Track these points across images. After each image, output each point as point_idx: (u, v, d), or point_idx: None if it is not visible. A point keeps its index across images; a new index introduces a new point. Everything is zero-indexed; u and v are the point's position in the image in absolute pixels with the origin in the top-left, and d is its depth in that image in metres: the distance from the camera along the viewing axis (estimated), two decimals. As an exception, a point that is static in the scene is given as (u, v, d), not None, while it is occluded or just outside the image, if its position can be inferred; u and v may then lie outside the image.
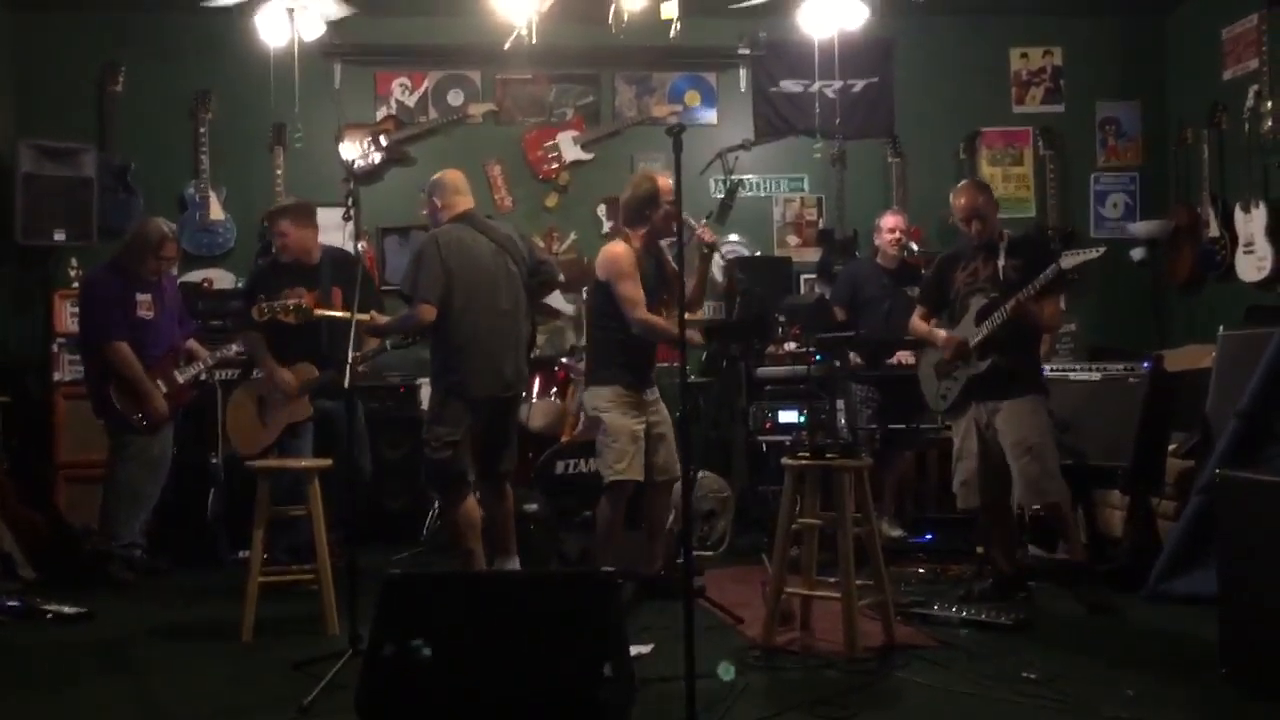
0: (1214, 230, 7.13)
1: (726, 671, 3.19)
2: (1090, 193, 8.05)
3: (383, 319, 5.31)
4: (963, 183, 5.53)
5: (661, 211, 5.08)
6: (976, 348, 4.97)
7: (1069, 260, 4.73)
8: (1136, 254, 7.75)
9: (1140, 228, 7.75)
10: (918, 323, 5.29)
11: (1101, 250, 4.92)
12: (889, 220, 6.58)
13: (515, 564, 5.19)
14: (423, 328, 5.03)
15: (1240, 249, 6.89)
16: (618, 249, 5.10)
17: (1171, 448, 5.60)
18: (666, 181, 5.09)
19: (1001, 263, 4.98)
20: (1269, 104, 6.63)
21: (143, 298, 5.76)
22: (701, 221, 5.18)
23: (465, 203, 5.30)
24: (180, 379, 5.78)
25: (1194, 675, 3.85)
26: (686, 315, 3.78)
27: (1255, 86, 6.78)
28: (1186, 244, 7.44)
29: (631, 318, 4.99)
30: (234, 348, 5.91)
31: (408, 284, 5.03)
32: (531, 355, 5.51)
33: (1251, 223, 6.80)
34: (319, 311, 5.35)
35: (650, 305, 5.04)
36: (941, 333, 5.15)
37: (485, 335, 5.02)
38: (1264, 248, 6.70)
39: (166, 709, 3.71)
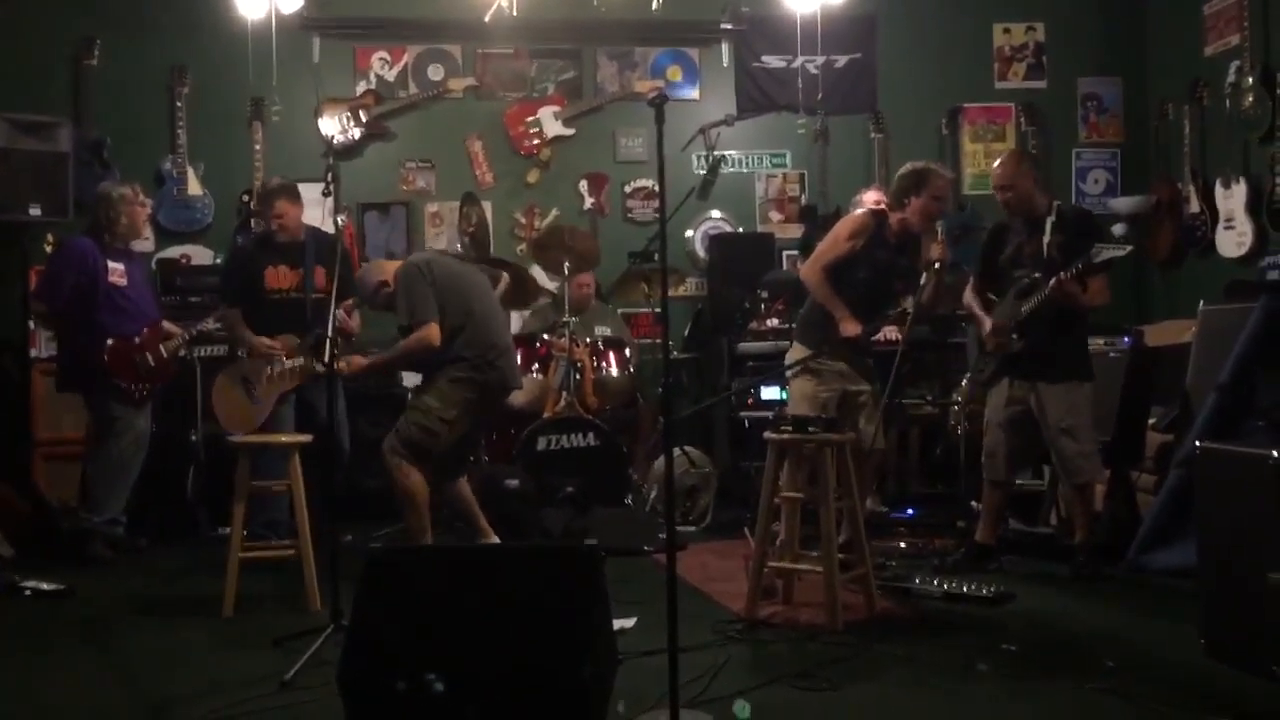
0: (1195, 206, 7.16)
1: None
2: (1072, 169, 8.06)
3: (361, 361, 5.24)
4: (1006, 153, 5.56)
5: (920, 204, 4.98)
6: (1016, 326, 4.97)
7: (1100, 255, 4.72)
8: (1117, 230, 7.75)
9: (1121, 204, 7.76)
10: (969, 295, 5.28)
11: (1129, 249, 4.91)
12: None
13: (496, 541, 5.19)
14: (427, 350, 4.99)
15: (1221, 225, 6.92)
16: (858, 215, 5.20)
17: (1151, 421, 5.64)
18: (943, 176, 5.08)
19: (1046, 239, 4.96)
20: (1250, 80, 6.64)
21: (115, 266, 5.72)
22: (940, 236, 5.00)
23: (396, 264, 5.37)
24: (164, 353, 5.74)
25: (1172, 647, 3.87)
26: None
27: (1237, 62, 6.79)
28: (1167, 220, 7.46)
29: (804, 265, 5.22)
30: (210, 321, 5.84)
31: (404, 313, 5.02)
32: None
33: (1232, 199, 6.83)
34: (320, 368, 5.08)
35: (869, 289, 5.05)
36: (988, 322, 5.13)
37: (505, 335, 5.26)
38: (1244, 223, 6.73)
39: (147, 684, 3.69)
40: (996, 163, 5.26)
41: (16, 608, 4.77)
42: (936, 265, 4.92)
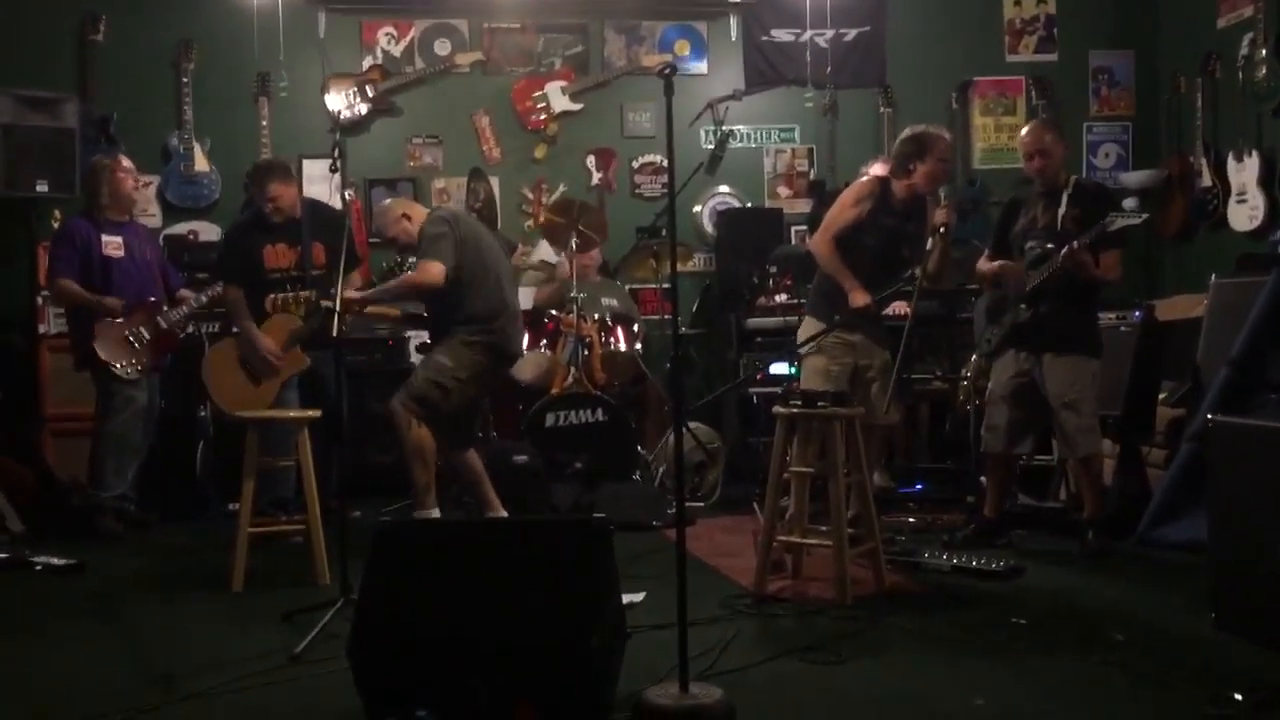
0: (1206, 180, 7.11)
1: None
2: (1083, 143, 8.01)
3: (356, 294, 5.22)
4: (1033, 120, 5.47)
5: (926, 170, 4.94)
6: (1027, 295, 4.94)
7: (1116, 223, 4.69)
8: (1129, 204, 7.70)
9: (1133, 178, 7.71)
10: (983, 264, 5.25)
11: (1144, 216, 4.92)
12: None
13: (504, 515, 5.19)
14: (428, 288, 5.01)
15: (1233, 198, 6.88)
16: (863, 181, 5.18)
17: (1162, 396, 5.62)
18: (944, 137, 5.04)
19: (1061, 211, 4.93)
20: (1263, 52, 6.58)
21: (110, 239, 5.76)
22: (945, 200, 4.93)
23: (425, 208, 5.42)
24: (164, 325, 5.75)
25: (1183, 621, 3.87)
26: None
27: (1250, 34, 6.73)
28: (1179, 194, 7.42)
29: (814, 236, 5.18)
30: (220, 287, 5.83)
31: (420, 249, 5.07)
32: None
33: (1244, 172, 6.78)
34: (325, 303, 5.17)
35: (878, 256, 5.02)
36: (996, 263, 5.11)
37: (515, 300, 5.28)
38: (1256, 197, 6.69)
39: (157, 659, 3.69)
40: (1024, 130, 5.21)
41: (27, 583, 4.79)
42: (942, 230, 4.87)
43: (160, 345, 5.79)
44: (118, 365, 5.63)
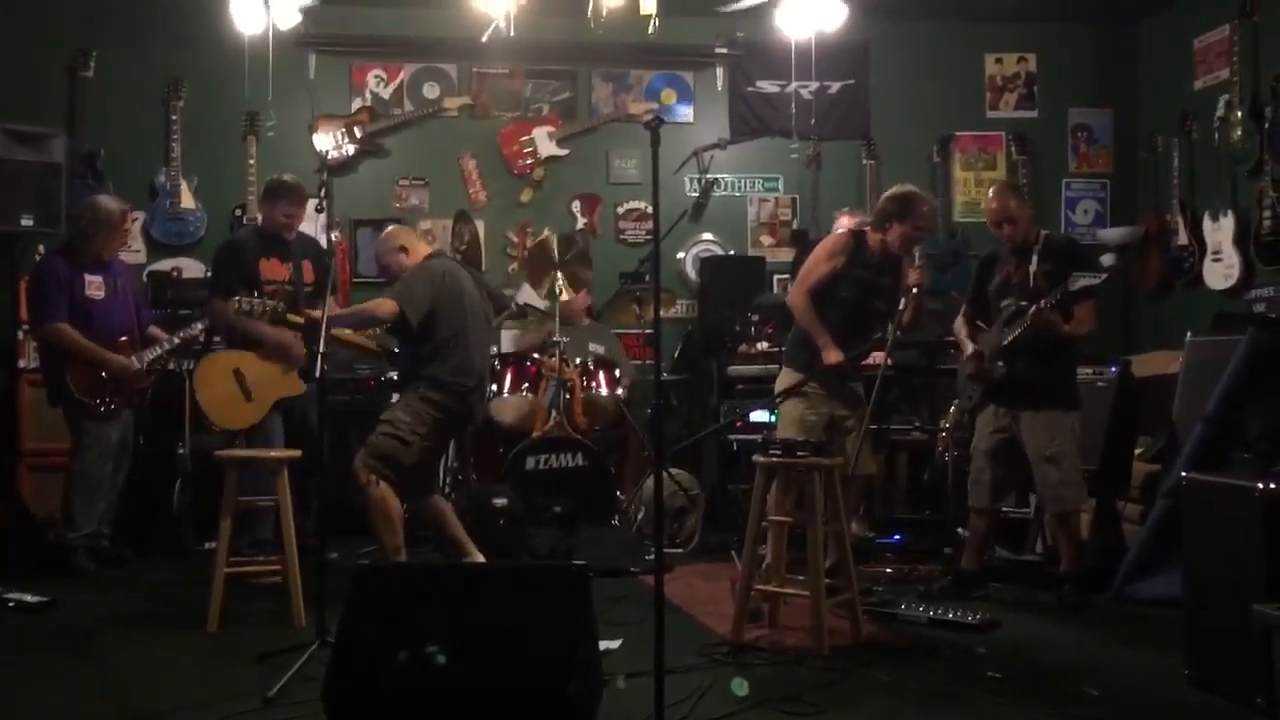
0: (1183, 238, 7.21)
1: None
2: (1061, 199, 8.11)
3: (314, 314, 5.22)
4: (995, 186, 5.51)
5: (902, 231, 4.98)
6: (1001, 352, 5.00)
7: (1077, 282, 4.75)
8: (1106, 260, 7.80)
9: (1110, 234, 7.82)
10: (959, 324, 5.32)
11: (1104, 276, 4.96)
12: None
13: (480, 559, 5.18)
14: (378, 320, 5.06)
15: (1208, 257, 6.97)
16: (836, 235, 5.25)
17: (1138, 452, 5.66)
18: (928, 203, 5.10)
19: (1033, 268, 4.99)
20: (1238, 113, 6.70)
21: (92, 279, 5.71)
22: (919, 261, 5.00)
23: (427, 246, 5.40)
24: (138, 364, 5.72)
25: (1157, 677, 3.89)
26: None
27: (1226, 96, 6.85)
28: (1155, 251, 7.51)
29: (791, 290, 5.25)
30: (198, 326, 5.81)
31: (395, 285, 5.08)
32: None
33: (1219, 231, 6.88)
34: (291, 316, 5.19)
35: (853, 309, 5.07)
36: (969, 345, 5.18)
37: (486, 365, 5.32)
38: (1231, 256, 6.78)
39: (130, 699, 3.67)
40: (990, 195, 5.27)
41: (-1, 619, 4.75)
42: (914, 289, 4.95)
43: (132, 383, 5.75)
44: (90, 401, 5.60)
